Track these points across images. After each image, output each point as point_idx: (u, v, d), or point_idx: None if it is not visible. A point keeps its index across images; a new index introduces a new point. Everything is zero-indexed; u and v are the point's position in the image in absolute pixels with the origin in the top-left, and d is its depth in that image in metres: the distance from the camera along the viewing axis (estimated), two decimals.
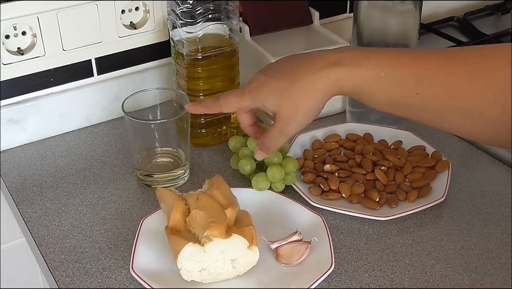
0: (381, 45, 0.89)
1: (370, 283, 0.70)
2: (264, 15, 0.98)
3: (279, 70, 0.68)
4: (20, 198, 0.83)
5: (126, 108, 0.80)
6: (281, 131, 0.69)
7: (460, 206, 0.81)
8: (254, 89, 0.69)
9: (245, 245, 0.67)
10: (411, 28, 0.88)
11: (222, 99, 0.72)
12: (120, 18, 0.94)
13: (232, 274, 0.69)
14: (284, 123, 0.68)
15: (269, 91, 0.68)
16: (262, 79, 0.69)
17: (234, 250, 0.67)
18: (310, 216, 0.76)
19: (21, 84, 0.91)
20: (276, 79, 0.68)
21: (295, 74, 0.66)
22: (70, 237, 0.77)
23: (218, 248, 0.66)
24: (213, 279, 0.68)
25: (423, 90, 0.62)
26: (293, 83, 0.66)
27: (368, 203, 0.80)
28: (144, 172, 0.84)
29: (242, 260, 0.68)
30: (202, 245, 0.65)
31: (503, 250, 0.74)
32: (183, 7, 0.84)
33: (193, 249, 0.65)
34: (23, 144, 0.93)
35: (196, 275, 0.68)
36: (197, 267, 0.67)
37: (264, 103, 0.68)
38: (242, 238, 0.66)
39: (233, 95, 0.71)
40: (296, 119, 0.68)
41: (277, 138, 0.70)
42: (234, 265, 0.68)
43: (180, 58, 0.88)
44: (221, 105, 0.72)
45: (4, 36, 0.87)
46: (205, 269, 0.67)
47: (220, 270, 0.68)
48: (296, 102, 0.67)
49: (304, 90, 0.66)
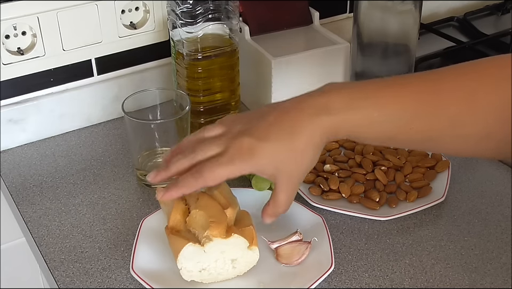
0: (381, 45, 0.89)
1: (370, 283, 0.70)
2: (264, 15, 0.98)
3: (267, 129, 0.62)
4: (20, 198, 0.83)
5: (126, 108, 0.80)
6: (289, 193, 0.64)
7: (459, 206, 0.81)
8: (246, 156, 0.61)
9: (245, 245, 0.67)
10: (411, 28, 0.89)
11: (206, 173, 0.62)
12: (120, 18, 0.94)
13: (232, 274, 0.69)
14: (289, 185, 0.63)
15: (266, 157, 0.61)
16: (251, 143, 0.61)
17: (234, 250, 0.67)
18: (310, 216, 0.76)
19: (21, 84, 0.91)
20: (268, 142, 0.61)
21: (288, 132, 0.61)
22: (70, 237, 0.77)
23: (218, 248, 0.66)
24: (213, 279, 0.68)
25: (418, 125, 0.60)
26: (290, 144, 0.61)
27: (368, 203, 0.80)
28: (144, 172, 0.84)
29: (243, 260, 0.68)
30: (202, 245, 0.65)
31: (503, 250, 0.74)
32: (183, 7, 0.84)
33: (193, 249, 0.65)
34: (23, 144, 0.93)
35: (196, 275, 0.68)
36: (197, 267, 0.67)
37: (263, 170, 0.62)
38: (242, 238, 0.66)
39: (219, 166, 0.61)
40: (301, 177, 0.64)
41: (287, 201, 0.65)
42: (235, 265, 0.68)
43: (180, 58, 0.88)
44: (207, 181, 0.62)
45: (3, 36, 0.87)
46: (205, 269, 0.67)
47: (220, 270, 0.68)
48: (298, 162, 0.62)
49: (303, 148, 0.62)
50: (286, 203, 0.65)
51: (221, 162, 0.61)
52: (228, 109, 0.92)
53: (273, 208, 0.65)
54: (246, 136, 0.62)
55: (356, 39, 0.91)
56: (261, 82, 0.94)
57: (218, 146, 0.63)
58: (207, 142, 0.64)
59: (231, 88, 0.91)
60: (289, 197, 0.64)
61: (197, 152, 0.63)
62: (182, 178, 0.63)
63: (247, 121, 0.64)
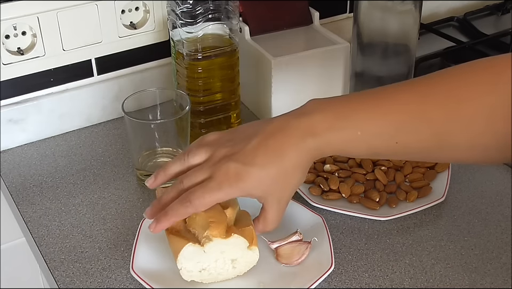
0: (381, 45, 0.89)
1: (370, 283, 0.70)
2: (264, 15, 0.98)
3: (253, 153, 0.62)
4: (20, 198, 0.83)
5: (126, 108, 0.80)
6: (278, 212, 0.65)
7: (459, 206, 0.81)
8: (233, 182, 0.62)
9: (245, 245, 0.67)
10: (411, 28, 0.88)
11: (195, 200, 0.62)
12: (120, 18, 0.94)
13: (232, 274, 0.69)
14: (277, 206, 0.65)
15: (253, 181, 0.62)
16: (238, 168, 0.62)
17: (234, 250, 0.67)
18: (310, 216, 0.76)
19: (21, 84, 0.91)
20: (255, 166, 0.62)
21: (274, 156, 0.62)
22: (70, 237, 0.77)
23: (218, 248, 0.66)
24: (213, 279, 0.68)
25: (403, 138, 0.60)
26: (277, 167, 0.62)
27: (368, 203, 0.80)
28: (144, 172, 0.84)
29: (242, 260, 0.68)
30: (202, 245, 0.65)
31: (503, 250, 0.74)
32: (183, 7, 0.84)
33: (193, 249, 0.65)
34: (23, 144, 0.93)
35: (195, 275, 0.68)
36: (197, 267, 0.67)
37: (251, 193, 0.63)
38: (242, 238, 0.66)
39: (207, 192, 0.62)
40: (288, 197, 0.66)
41: (276, 220, 0.66)
42: (235, 265, 0.68)
43: (180, 58, 0.88)
44: (196, 207, 0.63)
45: (4, 36, 0.87)
46: (205, 269, 0.67)
47: (220, 270, 0.68)
48: (285, 184, 0.64)
49: (290, 171, 0.63)
50: (275, 221, 0.66)
51: (209, 188, 0.62)
52: (228, 109, 0.92)
53: (263, 226, 0.67)
54: (232, 162, 0.62)
55: (356, 39, 0.91)
56: (261, 82, 0.94)
57: (204, 173, 0.64)
58: (193, 171, 0.65)
59: (231, 88, 0.91)
60: (278, 216, 0.66)
61: (184, 182, 0.65)
62: (171, 207, 0.64)
63: (231, 144, 0.64)
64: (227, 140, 0.65)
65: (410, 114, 0.60)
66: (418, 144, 0.61)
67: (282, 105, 0.94)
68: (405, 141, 0.60)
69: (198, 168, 0.65)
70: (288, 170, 0.63)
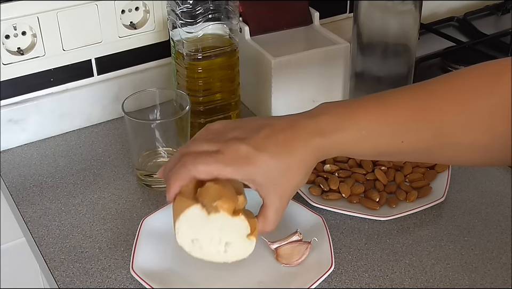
0: (381, 45, 0.89)
1: (370, 283, 0.70)
2: (264, 15, 0.98)
3: (263, 141, 0.62)
4: (20, 198, 0.83)
5: (126, 108, 0.80)
6: (278, 210, 0.64)
7: (459, 206, 0.81)
8: (242, 162, 0.61)
9: (245, 231, 0.64)
10: (411, 28, 0.89)
11: (198, 165, 0.61)
12: (120, 18, 0.94)
13: (221, 258, 0.66)
14: (279, 201, 0.64)
15: (261, 167, 0.61)
16: (249, 151, 0.61)
17: (234, 232, 0.64)
18: (310, 216, 0.76)
19: (21, 84, 0.91)
20: (266, 153, 0.61)
21: (283, 149, 0.61)
22: (70, 237, 0.77)
23: (221, 222, 0.63)
24: (201, 255, 0.65)
25: (408, 137, 0.61)
26: (285, 160, 0.61)
27: (368, 203, 0.80)
28: (144, 172, 0.84)
29: (237, 247, 0.65)
30: (208, 213, 0.62)
31: (503, 250, 0.74)
32: (183, 7, 0.84)
33: (198, 213, 0.62)
34: (23, 144, 0.93)
35: (187, 243, 0.65)
36: (192, 234, 0.64)
37: (254, 179, 0.62)
38: (246, 223, 0.64)
39: (214, 163, 0.61)
40: (290, 194, 0.65)
41: (275, 219, 0.65)
42: (227, 249, 0.65)
43: (180, 58, 0.88)
44: (199, 172, 0.61)
45: (4, 36, 0.87)
46: (198, 241, 0.64)
47: (212, 248, 0.65)
48: (290, 179, 0.63)
49: (296, 167, 0.62)
50: (274, 220, 0.65)
51: (217, 159, 0.61)
52: (228, 109, 0.92)
53: (262, 224, 0.65)
54: (243, 144, 0.61)
55: (356, 39, 0.91)
56: (261, 82, 0.94)
57: (212, 146, 0.62)
58: (201, 141, 0.63)
59: (231, 88, 0.91)
60: (278, 214, 0.65)
61: (190, 147, 0.63)
62: (174, 171, 0.62)
63: (241, 130, 0.63)
64: (236, 126, 0.65)
65: (411, 115, 0.61)
66: (422, 144, 0.61)
67: (282, 105, 0.94)
68: (409, 140, 0.61)
69: (208, 140, 0.63)
70: (294, 165, 0.62)
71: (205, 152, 0.62)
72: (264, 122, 0.64)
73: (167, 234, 0.74)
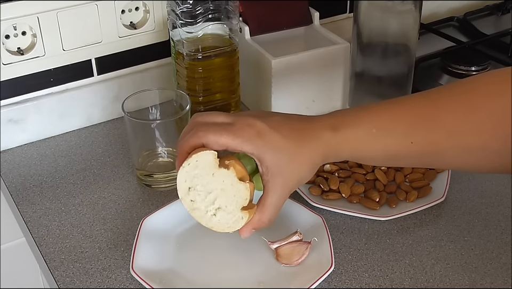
0: (381, 45, 0.89)
1: (370, 283, 0.70)
2: (264, 15, 0.98)
3: (278, 124, 0.62)
4: (20, 198, 0.83)
5: (126, 108, 0.80)
6: (277, 199, 0.63)
7: (459, 206, 0.81)
8: (254, 136, 0.60)
9: (243, 202, 0.62)
10: (411, 28, 0.89)
11: (209, 135, 0.60)
12: (120, 18, 0.94)
13: (205, 221, 0.63)
14: (280, 190, 0.62)
15: (273, 145, 0.61)
16: (263, 127, 0.61)
17: (231, 198, 0.62)
18: (310, 216, 0.76)
19: (21, 84, 0.91)
20: (280, 133, 0.61)
21: (296, 137, 0.61)
22: (70, 237, 0.77)
23: (224, 180, 0.61)
24: (189, 208, 0.63)
25: (418, 138, 0.61)
26: (296, 148, 0.61)
27: (368, 203, 0.80)
28: (144, 172, 0.84)
29: (225, 217, 0.63)
30: (219, 166, 0.61)
31: (503, 250, 0.74)
32: (183, 7, 0.84)
33: (211, 160, 0.61)
34: (23, 144, 0.93)
35: (184, 188, 0.62)
36: (193, 180, 0.62)
37: (263, 157, 0.61)
38: (248, 193, 0.62)
39: (226, 133, 0.60)
40: (293, 186, 0.63)
41: (273, 209, 0.63)
42: (216, 213, 0.63)
43: (180, 58, 0.88)
44: (209, 141, 0.61)
45: (4, 36, 0.87)
46: (195, 190, 0.62)
47: (203, 206, 0.63)
48: (296, 170, 0.62)
49: (305, 160, 0.62)
50: (272, 209, 0.63)
51: (228, 130, 0.60)
52: (228, 109, 0.92)
53: (259, 215, 0.63)
54: (259, 121, 0.61)
55: (356, 39, 0.91)
56: (261, 82, 0.94)
57: (226, 118, 0.62)
58: (215, 114, 0.63)
59: (231, 88, 0.91)
60: (276, 204, 0.63)
61: (205, 116, 0.63)
62: (185, 139, 0.62)
63: (254, 115, 0.63)
64: (250, 113, 0.64)
65: (423, 116, 0.62)
66: (432, 145, 0.62)
67: (282, 105, 0.94)
68: (419, 141, 0.61)
69: (221, 113, 0.63)
70: (303, 156, 0.62)
71: (218, 123, 0.62)
72: (277, 114, 0.65)
73: (167, 234, 0.74)
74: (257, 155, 0.61)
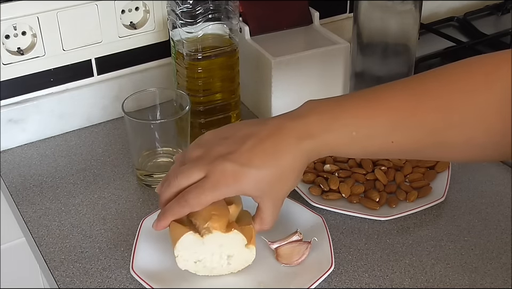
0: (381, 45, 0.89)
1: (370, 283, 0.70)
2: (264, 15, 0.98)
3: (249, 154, 0.62)
4: (20, 198, 0.83)
5: (126, 108, 0.80)
6: (274, 212, 0.66)
7: (459, 206, 0.81)
8: (230, 182, 0.62)
9: (243, 242, 0.67)
10: (411, 28, 0.89)
11: (191, 200, 0.63)
12: (120, 18, 0.94)
13: (227, 271, 0.69)
14: (274, 205, 0.65)
15: (250, 182, 0.62)
16: (235, 169, 0.61)
17: (232, 246, 0.67)
18: (310, 216, 0.76)
19: (21, 84, 0.91)
20: (252, 167, 0.61)
21: (271, 157, 0.62)
22: (70, 237, 0.77)
23: (216, 241, 0.66)
24: (207, 272, 0.68)
25: (399, 138, 0.60)
26: (274, 168, 0.62)
27: (368, 203, 0.80)
28: (144, 172, 0.84)
29: (239, 257, 0.68)
30: (202, 236, 0.65)
31: (503, 250, 0.74)
32: (183, 7, 0.84)
33: (192, 238, 0.65)
34: (23, 144, 0.93)
35: (190, 266, 0.67)
36: (193, 257, 0.67)
37: (247, 193, 0.63)
38: (241, 235, 0.66)
39: (204, 192, 0.62)
40: (284, 196, 0.66)
41: (272, 219, 0.66)
42: (230, 261, 0.68)
43: (180, 58, 0.88)
44: (192, 207, 0.63)
45: (4, 36, 0.87)
46: (201, 261, 0.67)
47: (215, 264, 0.68)
48: (282, 185, 0.64)
49: (287, 172, 0.63)
50: (271, 220, 0.67)
51: (205, 188, 0.62)
52: (228, 109, 0.92)
53: (260, 225, 0.67)
54: (229, 162, 0.62)
55: (356, 39, 0.91)
56: (261, 82, 0.94)
57: (200, 170, 0.63)
58: (188, 166, 0.64)
59: (231, 88, 0.91)
60: (274, 215, 0.67)
61: (179, 178, 0.64)
62: (168, 207, 0.65)
63: (226, 144, 0.64)
64: (221, 138, 0.65)
65: (404, 114, 0.60)
66: (414, 145, 0.61)
67: (282, 105, 0.94)
68: (400, 140, 0.61)
69: (194, 165, 0.64)
70: (284, 171, 0.63)
71: (194, 185, 0.63)
72: (251, 131, 0.64)
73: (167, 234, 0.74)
74: (241, 194, 0.65)
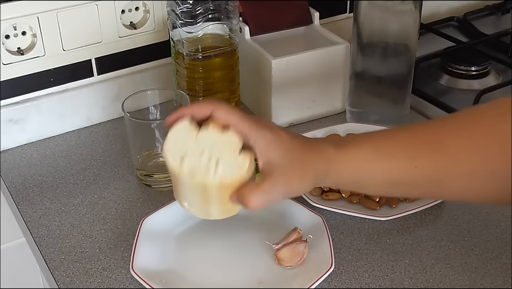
0: (381, 45, 0.89)
1: (370, 283, 0.70)
2: (264, 15, 0.98)
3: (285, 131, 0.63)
4: (20, 198, 0.83)
5: (126, 108, 0.81)
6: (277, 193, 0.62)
7: (460, 206, 0.81)
8: (262, 128, 0.62)
9: (237, 147, 0.61)
10: (411, 28, 0.89)
11: (223, 105, 0.62)
12: (120, 18, 0.94)
13: (212, 180, 0.61)
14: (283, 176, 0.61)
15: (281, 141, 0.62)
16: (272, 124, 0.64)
17: (225, 148, 0.61)
18: (310, 216, 0.76)
19: (21, 84, 0.91)
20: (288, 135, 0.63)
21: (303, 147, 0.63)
22: (70, 237, 0.77)
23: (210, 138, 0.61)
24: (190, 178, 0.61)
25: (422, 162, 0.61)
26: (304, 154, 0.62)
27: (368, 203, 0.80)
28: (144, 172, 0.84)
29: (228, 165, 0.61)
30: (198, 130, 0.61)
31: (503, 250, 0.74)
32: (183, 7, 0.84)
33: (187, 127, 0.61)
34: (23, 144, 0.93)
35: (176, 165, 0.61)
36: (181, 151, 0.61)
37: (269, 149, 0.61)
38: (237, 138, 0.61)
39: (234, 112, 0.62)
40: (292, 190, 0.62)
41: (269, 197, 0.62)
42: (218, 169, 0.61)
43: (180, 58, 0.88)
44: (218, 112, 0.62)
45: (3, 36, 0.87)
46: (188, 158, 0.61)
47: (202, 166, 0.61)
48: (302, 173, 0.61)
49: (311, 163, 0.61)
50: (266, 199, 0.62)
51: (238, 113, 0.62)
52: None
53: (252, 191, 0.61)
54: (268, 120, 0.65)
55: (356, 39, 0.91)
56: (261, 82, 0.94)
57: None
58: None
59: (231, 88, 0.91)
60: (273, 197, 0.62)
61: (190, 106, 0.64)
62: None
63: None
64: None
65: (426, 141, 0.62)
66: (436, 171, 0.61)
67: (282, 105, 0.94)
68: (423, 165, 0.61)
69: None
70: (306, 165, 0.61)
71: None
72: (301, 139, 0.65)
73: (167, 234, 0.74)
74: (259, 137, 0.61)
